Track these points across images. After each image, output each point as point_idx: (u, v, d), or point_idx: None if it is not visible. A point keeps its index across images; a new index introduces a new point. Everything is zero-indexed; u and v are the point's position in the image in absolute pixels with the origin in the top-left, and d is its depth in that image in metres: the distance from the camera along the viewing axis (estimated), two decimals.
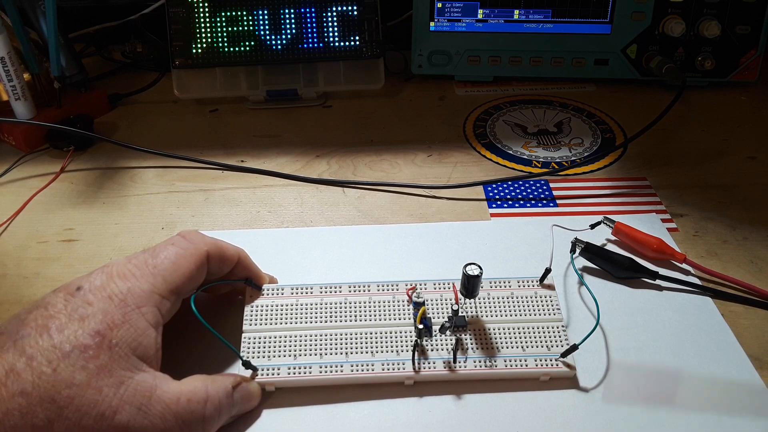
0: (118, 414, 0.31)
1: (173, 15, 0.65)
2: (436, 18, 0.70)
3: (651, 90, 0.71)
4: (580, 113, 0.68)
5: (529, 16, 0.69)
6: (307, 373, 0.38)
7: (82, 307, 0.33)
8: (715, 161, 0.60)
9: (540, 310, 0.41)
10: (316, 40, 0.67)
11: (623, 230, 0.48)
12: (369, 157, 0.61)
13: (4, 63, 0.59)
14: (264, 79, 0.69)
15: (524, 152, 0.61)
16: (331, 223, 0.53)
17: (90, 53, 0.80)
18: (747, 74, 0.70)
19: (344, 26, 0.66)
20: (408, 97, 0.72)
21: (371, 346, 0.39)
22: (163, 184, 0.58)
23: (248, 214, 0.54)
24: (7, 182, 0.58)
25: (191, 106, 0.71)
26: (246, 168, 0.59)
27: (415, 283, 0.42)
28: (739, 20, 0.67)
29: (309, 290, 0.41)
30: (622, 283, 0.46)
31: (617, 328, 0.42)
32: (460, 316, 0.40)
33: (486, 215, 0.53)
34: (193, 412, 0.33)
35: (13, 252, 0.50)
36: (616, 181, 0.57)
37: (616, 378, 0.39)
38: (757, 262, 0.48)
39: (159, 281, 0.35)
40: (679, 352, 0.41)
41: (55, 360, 0.31)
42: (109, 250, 0.50)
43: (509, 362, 0.38)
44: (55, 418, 0.30)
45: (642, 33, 0.69)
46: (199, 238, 0.38)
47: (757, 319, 0.43)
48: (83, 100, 0.66)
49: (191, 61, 0.66)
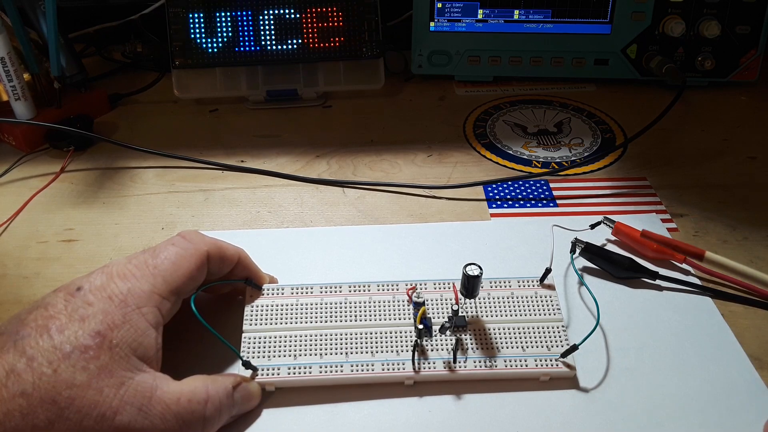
0: (119, 415, 0.31)
1: (173, 15, 0.65)
2: (436, 18, 0.70)
3: (651, 90, 0.71)
4: (580, 113, 0.68)
5: (529, 16, 0.69)
6: (307, 373, 0.38)
7: (82, 308, 0.33)
8: (715, 161, 0.60)
9: (540, 310, 0.41)
10: (316, 40, 0.67)
11: (623, 230, 0.48)
12: (369, 157, 0.61)
13: (4, 63, 0.59)
14: (264, 79, 0.69)
15: (524, 152, 0.61)
16: (331, 223, 0.53)
17: (90, 53, 0.80)
18: (747, 74, 0.70)
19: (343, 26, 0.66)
20: (408, 97, 0.72)
21: (371, 346, 0.39)
22: (163, 184, 0.58)
23: (248, 214, 0.54)
24: (7, 182, 0.58)
25: (191, 106, 0.71)
26: (246, 168, 0.59)
27: (415, 283, 0.42)
28: (739, 20, 0.67)
29: (309, 290, 0.41)
30: (622, 283, 0.46)
31: (617, 328, 0.42)
32: (460, 316, 0.40)
33: (486, 215, 0.53)
34: (193, 413, 0.33)
35: (13, 252, 0.50)
36: (616, 181, 0.57)
37: (616, 378, 0.39)
38: (757, 262, 0.48)
39: (159, 281, 0.35)
40: (679, 352, 0.41)
41: (56, 361, 0.31)
42: (109, 250, 0.50)
43: (509, 362, 0.38)
44: (56, 419, 0.30)
45: (642, 33, 0.69)
46: (199, 238, 0.38)
47: (757, 319, 0.43)
48: (83, 100, 0.66)
49: (191, 61, 0.66)
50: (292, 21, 0.66)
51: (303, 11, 0.66)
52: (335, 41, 0.67)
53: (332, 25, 0.66)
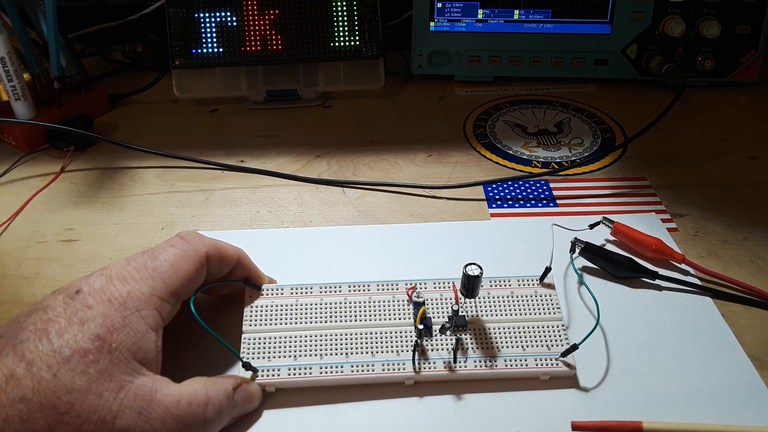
0: (119, 419, 0.31)
1: (173, 15, 0.65)
2: (436, 18, 0.70)
3: (651, 90, 0.71)
4: (580, 113, 0.68)
5: (529, 16, 0.69)
6: (308, 373, 0.38)
7: (81, 311, 0.32)
8: (715, 161, 0.60)
9: (540, 310, 0.41)
10: (316, 40, 0.66)
11: (622, 230, 0.48)
12: (369, 157, 0.61)
13: (4, 63, 0.59)
14: (264, 79, 0.69)
15: (524, 152, 0.61)
16: (331, 223, 0.53)
17: (90, 53, 0.80)
18: (747, 74, 0.70)
19: (344, 26, 0.66)
20: (408, 97, 0.72)
21: (371, 347, 0.39)
22: (163, 184, 0.58)
23: (248, 214, 0.54)
24: (7, 182, 0.58)
25: (191, 106, 0.71)
26: (246, 168, 0.59)
27: (415, 283, 0.42)
28: (739, 20, 0.67)
29: (309, 290, 0.41)
30: (622, 282, 0.46)
31: (617, 328, 0.42)
32: (460, 316, 0.40)
33: (486, 215, 0.53)
34: (193, 415, 0.33)
35: (13, 252, 0.50)
36: (616, 181, 0.57)
37: (616, 377, 0.39)
38: (757, 262, 0.48)
39: (159, 284, 0.35)
40: (679, 352, 0.41)
41: (55, 365, 0.30)
42: (109, 250, 0.50)
43: (509, 362, 0.38)
44: (56, 425, 0.30)
45: (642, 33, 0.69)
46: (197, 239, 0.38)
47: (757, 319, 0.43)
48: (83, 100, 0.66)
49: (191, 61, 0.66)
50: (292, 21, 0.66)
51: (303, 11, 0.66)
52: (335, 41, 0.67)
53: (332, 25, 0.66)
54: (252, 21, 0.66)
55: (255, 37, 0.66)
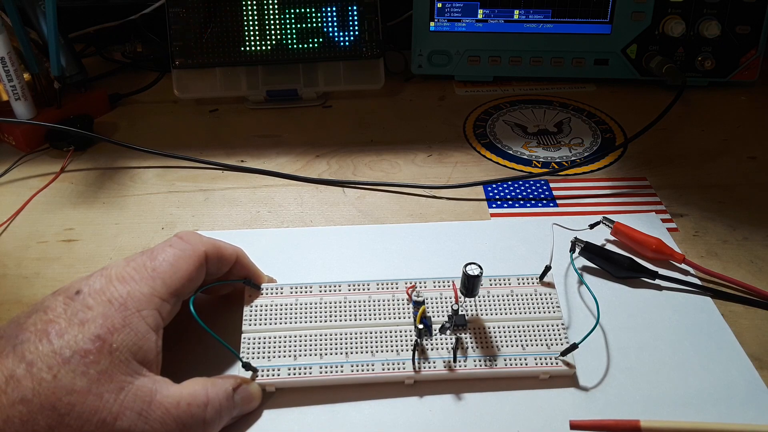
0: (119, 420, 0.31)
1: (173, 15, 0.65)
2: (436, 18, 0.70)
3: (651, 90, 0.71)
4: (580, 113, 0.68)
5: (529, 16, 0.69)
6: (308, 373, 0.38)
7: (81, 311, 0.32)
8: (715, 161, 0.60)
9: (540, 308, 0.41)
10: (316, 40, 0.67)
11: (622, 230, 0.48)
12: (369, 157, 0.61)
13: (4, 63, 0.59)
14: (264, 79, 0.69)
15: (524, 152, 0.61)
16: (331, 223, 0.53)
17: (90, 53, 0.80)
18: (747, 74, 0.70)
19: (344, 26, 0.66)
20: (408, 97, 0.72)
21: (371, 346, 0.39)
22: (163, 184, 0.58)
23: (248, 214, 0.54)
24: (7, 182, 0.58)
25: (191, 106, 0.71)
26: (246, 168, 0.59)
27: (415, 282, 0.42)
28: (739, 20, 0.67)
29: (308, 289, 0.41)
30: (622, 282, 0.46)
31: (617, 328, 0.42)
32: (460, 315, 0.40)
33: (486, 215, 0.53)
34: (193, 416, 0.33)
35: (13, 252, 0.50)
36: (616, 181, 0.57)
37: (616, 377, 0.39)
38: (757, 262, 0.48)
39: (158, 284, 0.35)
40: (679, 352, 0.41)
41: (56, 366, 0.30)
42: (109, 250, 0.50)
43: (509, 361, 0.38)
44: (56, 426, 0.29)
45: (642, 33, 0.69)
46: (196, 239, 0.38)
47: (757, 319, 0.43)
48: (83, 100, 0.66)
49: (191, 61, 0.66)
50: (291, 21, 0.66)
51: (303, 11, 0.66)
52: (335, 41, 0.67)
53: (332, 25, 0.66)
54: (252, 21, 0.66)
55: (255, 37, 0.66)
